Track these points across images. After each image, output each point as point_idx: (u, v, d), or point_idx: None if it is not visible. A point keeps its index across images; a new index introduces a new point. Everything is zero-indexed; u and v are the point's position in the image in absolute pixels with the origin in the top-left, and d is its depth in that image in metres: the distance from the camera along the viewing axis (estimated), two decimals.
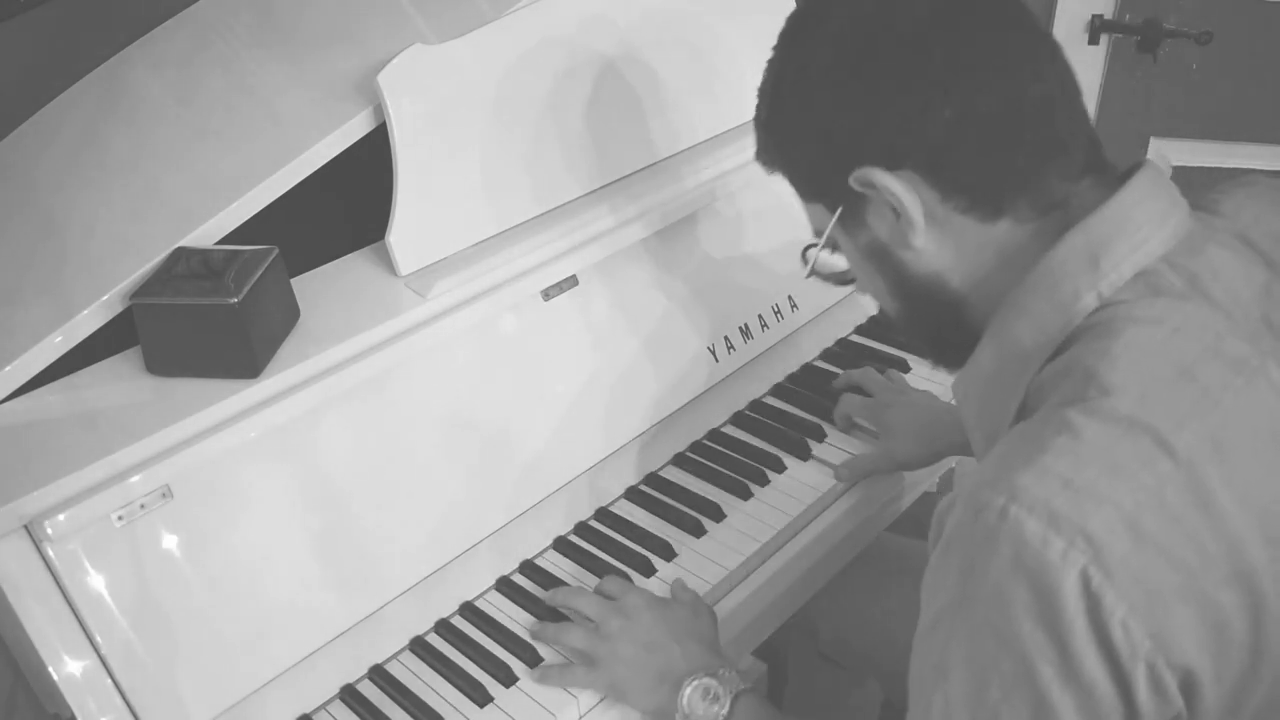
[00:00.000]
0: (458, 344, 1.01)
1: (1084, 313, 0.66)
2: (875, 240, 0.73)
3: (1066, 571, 0.56)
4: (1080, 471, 0.58)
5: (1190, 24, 1.79)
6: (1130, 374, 0.61)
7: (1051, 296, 0.67)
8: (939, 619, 0.63)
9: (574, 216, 1.10)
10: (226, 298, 0.87)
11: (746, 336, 1.24)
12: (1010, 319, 0.69)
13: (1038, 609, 0.57)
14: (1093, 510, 0.57)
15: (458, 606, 1.01)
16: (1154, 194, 0.68)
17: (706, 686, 0.85)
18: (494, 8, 1.11)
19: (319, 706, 0.93)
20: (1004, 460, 0.61)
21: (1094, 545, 0.56)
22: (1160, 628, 0.57)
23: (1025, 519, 0.57)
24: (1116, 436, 0.59)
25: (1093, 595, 0.56)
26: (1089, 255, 0.66)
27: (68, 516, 0.79)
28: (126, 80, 1.26)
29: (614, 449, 1.11)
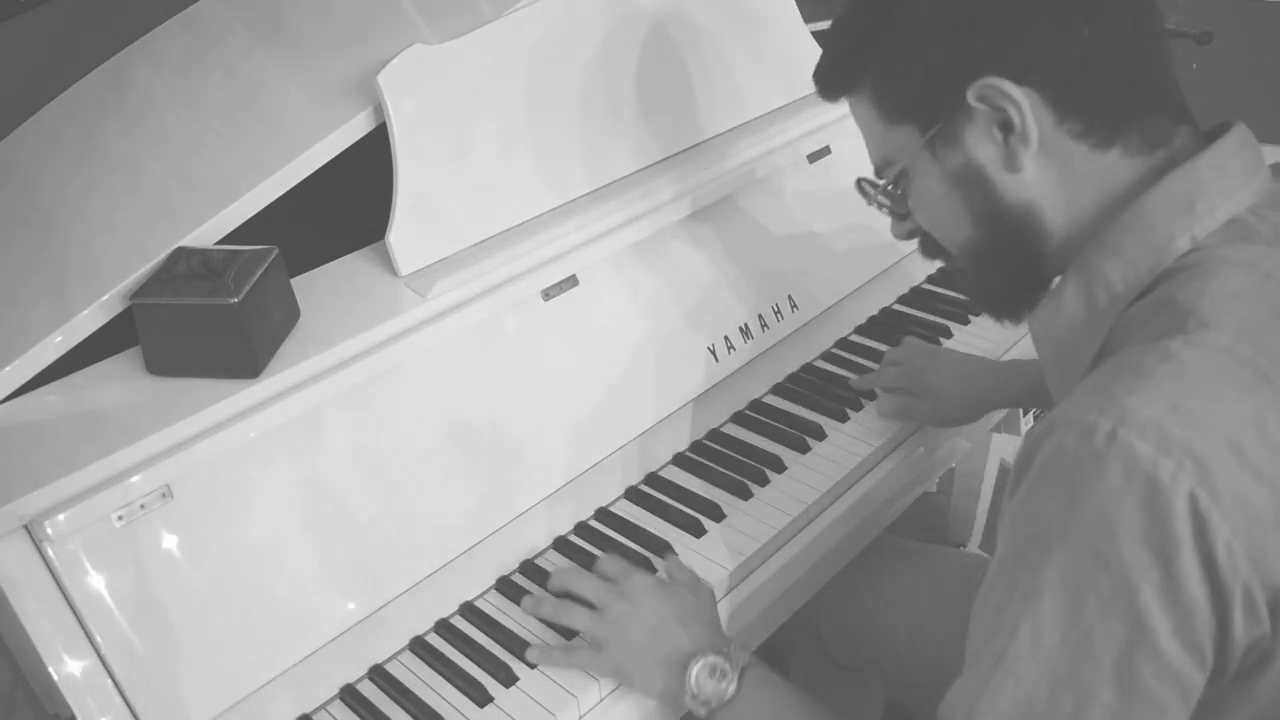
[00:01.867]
0: (458, 344, 1.01)
1: (1176, 254, 0.67)
2: (970, 163, 0.72)
3: (1176, 492, 0.57)
4: (1187, 396, 0.59)
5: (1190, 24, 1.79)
6: (1227, 311, 0.63)
7: (1146, 237, 0.68)
8: (1030, 545, 0.63)
9: (574, 216, 1.10)
10: (226, 298, 0.88)
11: (746, 336, 1.24)
12: (1100, 257, 0.70)
13: (1145, 529, 0.58)
14: (1200, 434, 0.58)
15: (458, 606, 1.01)
16: (1245, 149, 0.70)
17: (713, 665, 0.85)
18: (494, 8, 1.11)
19: (319, 706, 0.93)
20: (1107, 386, 0.62)
21: (1201, 467, 0.58)
22: (1259, 550, 0.58)
23: (1135, 440, 0.58)
24: (1219, 365, 0.61)
25: (1200, 516, 0.57)
26: (1185, 199, 0.67)
27: (68, 516, 0.79)
28: (126, 80, 1.27)
29: (614, 448, 1.11)
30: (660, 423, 1.16)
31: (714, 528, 1.08)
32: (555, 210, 1.11)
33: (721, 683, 0.84)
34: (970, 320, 1.37)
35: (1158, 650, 0.60)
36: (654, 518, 1.10)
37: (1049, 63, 0.68)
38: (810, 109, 1.33)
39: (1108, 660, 0.61)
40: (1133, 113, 0.70)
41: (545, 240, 1.07)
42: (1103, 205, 0.70)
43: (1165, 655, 0.60)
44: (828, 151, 1.34)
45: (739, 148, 1.24)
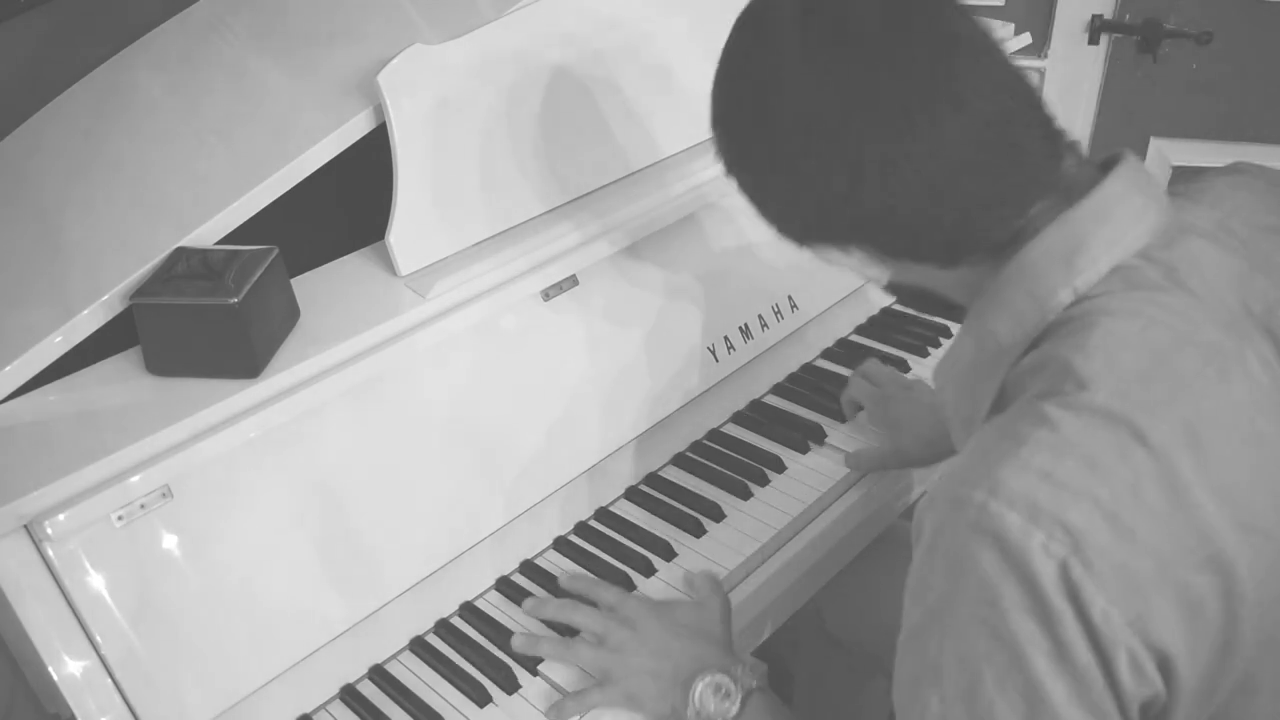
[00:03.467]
0: (458, 344, 1.01)
1: (1059, 308, 0.66)
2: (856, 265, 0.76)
3: (1047, 563, 0.57)
4: (1058, 464, 0.59)
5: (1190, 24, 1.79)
6: (1105, 366, 0.62)
7: (1028, 291, 0.67)
8: (928, 619, 0.64)
9: (574, 216, 1.10)
10: (226, 298, 0.87)
11: (746, 336, 1.24)
12: (987, 312, 0.70)
13: (1026, 601, 0.58)
14: (1071, 502, 0.58)
15: (458, 606, 1.01)
16: (1131, 190, 0.68)
17: (718, 683, 0.85)
18: (494, 8, 1.11)
19: (319, 706, 0.93)
20: (983, 455, 0.62)
21: (1073, 536, 0.58)
22: (1138, 614, 0.58)
23: (1006, 512, 0.58)
24: (1093, 429, 0.60)
25: (1073, 585, 0.57)
26: (1065, 252, 0.66)
27: (68, 516, 0.79)
28: (126, 80, 1.27)
29: (614, 449, 1.11)
30: (660, 422, 1.16)
31: (714, 528, 1.08)
32: (555, 210, 1.11)
33: (725, 702, 0.84)
34: None
35: (1056, 716, 0.59)
36: (654, 518, 1.10)
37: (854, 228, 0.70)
38: None
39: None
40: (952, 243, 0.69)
41: (545, 240, 1.07)
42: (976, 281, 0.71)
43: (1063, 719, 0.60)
44: None
45: None
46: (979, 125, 0.65)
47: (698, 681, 0.85)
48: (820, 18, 0.67)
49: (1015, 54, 1.62)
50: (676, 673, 0.87)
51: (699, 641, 0.89)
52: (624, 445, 1.12)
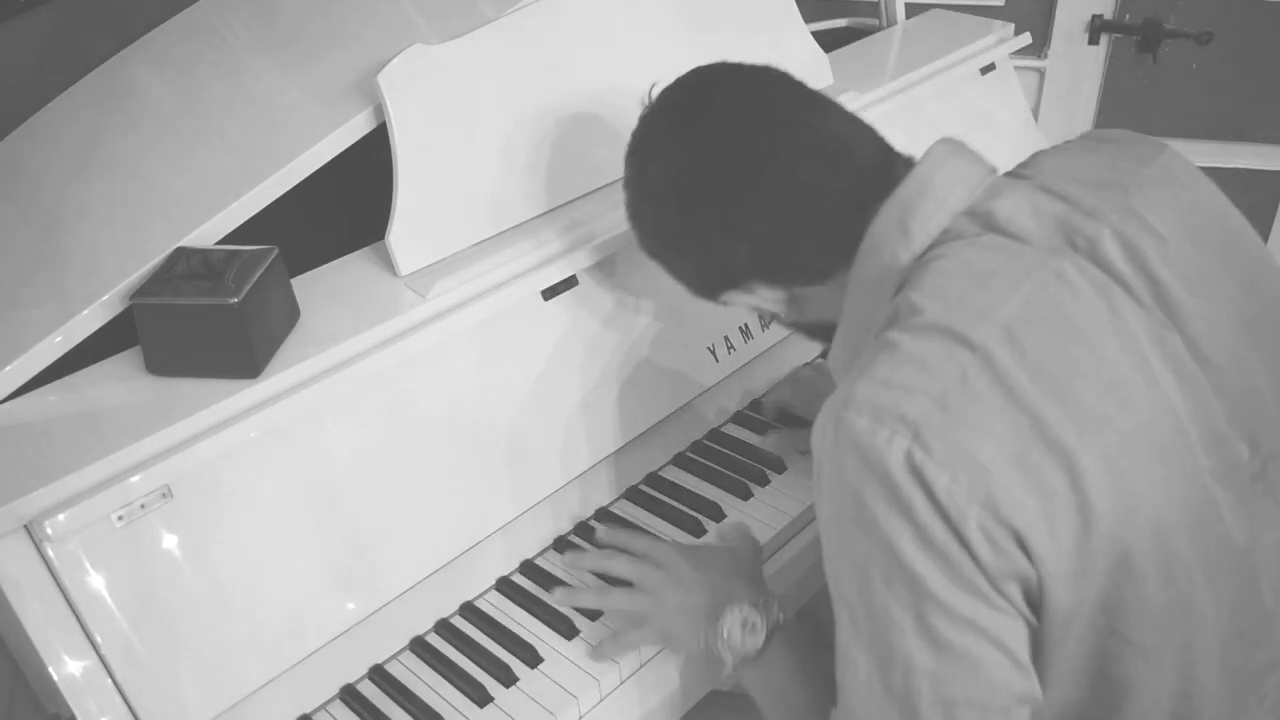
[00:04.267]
0: (457, 344, 1.01)
1: (902, 268, 0.76)
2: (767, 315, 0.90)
3: (893, 453, 0.65)
4: (895, 371, 0.68)
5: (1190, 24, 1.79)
6: (934, 293, 0.71)
7: (875, 263, 0.77)
8: (825, 537, 0.72)
9: (574, 216, 1.10)
10: (226, 298, 0.88)
11: (746, 336, 1.24)
12: (852, 295, 0.80)
13: (884, 493, 0.65)
14: (907, 398, 0.66)
15: (458, 606, 1.01)
16: (948, 160, 0.78)
17: (745, 617, 0.87)
18: (494, 8, 1.11)
19: (319, 706, 0.93)
20: (845, 381, 0.70)
21: (910, 426, 0.65)
22: (985, 492, 0.64)
23: (854, 419, 0.67)
24: (923, 340, 0.69)
25: (916, 468, 0.64)
26: (899, 222, 0.76)
27: (68, 516, 0.79)
28: (126, 80, 1.27)
29: (614, 449, 1.12)
30: (661, 422, 1.16)
31: (714, 528, 1.08)
32: (555, 210, 1.11)
33: (751, 635, 0.87)
34: None
35: (938, 600, 0.65)
36: (654, 518, 1.10)
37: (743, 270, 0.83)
38: None
39: (909, 625, 0.67)
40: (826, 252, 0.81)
41: (545, 240, 1.07)
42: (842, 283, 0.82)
43: (946, 603, 0.65)
44: None
45: None
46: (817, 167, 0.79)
47: (725, 614, 0.88)
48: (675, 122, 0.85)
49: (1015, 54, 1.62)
50: (707, 607, 0.90)
51: (728, 578, 0.92)
52: (624, 445, 1.12)
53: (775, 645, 0.87)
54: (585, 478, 1.10)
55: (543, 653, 0.95)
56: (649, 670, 0.95)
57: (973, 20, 1.56)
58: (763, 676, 0.87)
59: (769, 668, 0.87)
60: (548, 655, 0.95)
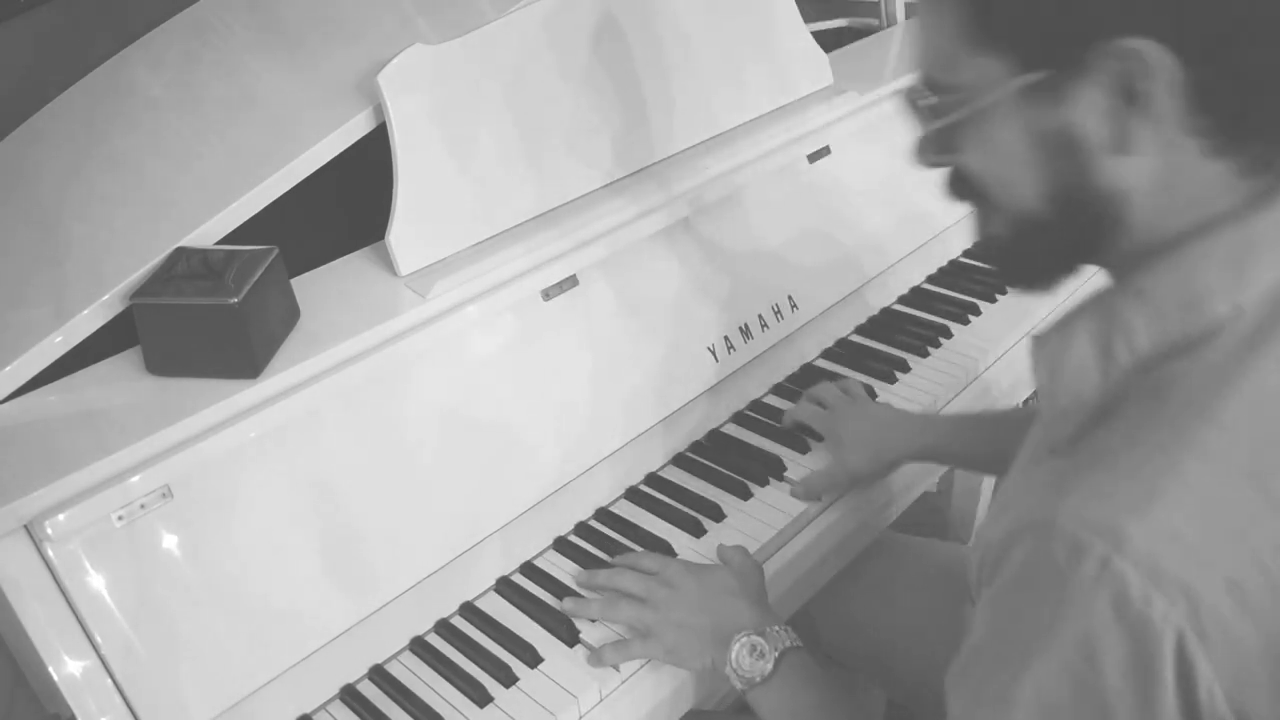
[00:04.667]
0: (457, 344, 1.01)
1: (1211, 319, 0.58)
2: (1070, 130, 0.59)
3: (1165, 631, 0.54)
4: (1188, 524, 0.55)
5: None
6: (1249, 418, 0.56)
7: (1181, 289, 0.59)
8: (1009, 648, 0.60)
9: (574, 216, 1.10)
10: (226, 298, 0.88)
11: (746, 336, 1.24)
12: (1126, 299, 0.61)
13: (1130, 663, 0.55)
14: (1197, 569, 0.54)
15: (458, 606, 1.01)
16: None
17: (754, 644, 0.87)
18: (494, 7, 1.11)
19: (319, 706, 0.93)
20: (1104, 497, 0.57)
21: (1194, 605, 0.54)
22: (1239, 689, 0.55)
23: (1130, 572, 0.54)
24: (1228, 487, 0.56)
25: (1186, 658, 0.54)
26: (1236, 256, 0.58)
27: (68, 516, 0.79)
28: (126, 80, 1.27)
29: (614, 449, 1.11)
30: (660, 423, 1.16)
31: (714, 528, 1.08)
32: (555, 210, 1.11)
33: (760, 661, 0.86)
34: (970, 320, 1.37)
35: None
36: (654, 518, 1.10)
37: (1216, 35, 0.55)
38: (810, 110, 1.33)
39: None
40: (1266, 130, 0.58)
41: (545, 240, 1.07)
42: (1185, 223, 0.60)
43: None
44: (828, 152, 1.34)
45: (739, 147, 1.24)
46: None
47: (734, 642, 0.87)
48: None
49: None
50: (715, 630, 0.90)
51: (737, 601, 0.92)
52: (624, 445, 1.12)
53: (783, 671, 0.86)
54: (585, 478, 1.10)
55: (543, 653, 0.95)
56: (649, 671, 0.95)
57: None
58: (772, 702, 0.87)
59: (778, 693, 0.86)
60: (548, 655, 0.95)
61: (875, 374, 1.27)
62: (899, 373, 1.27)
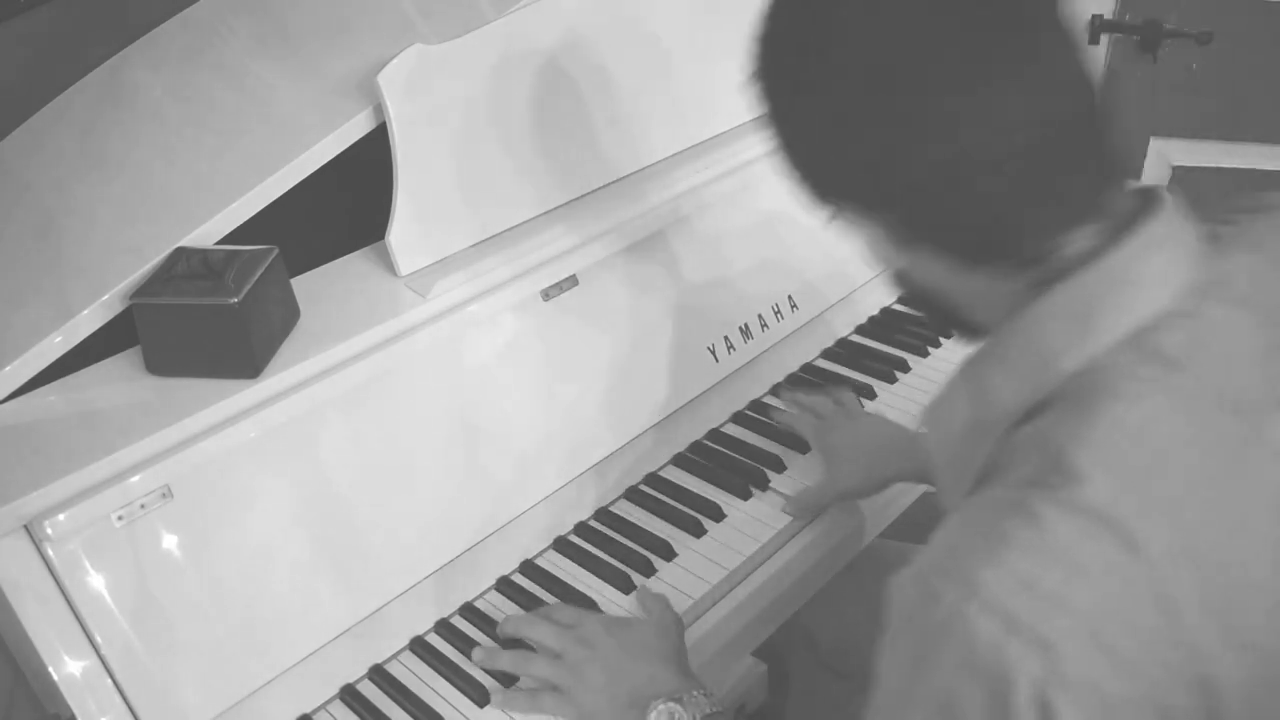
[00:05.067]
0: (457, 344, 1.01)
1: (1065, 374, 0.61)
2: (873, 241, 0.70)
3: (1019, 678, 0.53)
4: (1043, 573, 0.54)
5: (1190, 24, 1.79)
6: (1104, 461, 0.57)
7: (1034, 351, 0.62)
8: (889, 700, 0.61)
9: (574, 216, 1.10)
10: (226, 298, 0.88)
11: (746, 336, 1.23)
12: (988, 365, 0.65)
13: (989, 710, 0.54)
14: (1053, 616, 0.53)
15: (458, 606, 1.01)
16: (1162, 247, 0.62)
17: (671, 711, 0.83)
18: (494, 8, 1.11)
19: (319, 706, 0.93)
20: (962, 546, 0.57)
21: (1051, 654, 0.53)
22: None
23: (979, 619, 0.54)
24: (1083, 534, 0.55)
25: (1044, 705, 0.53)
26: (1078, 313, 0.61)
27: (68, 516, 0.79)
28: (126, 80, 1.27)
29: (614, 449, 1.11)
30: (660, 422, 1.16)
31: (714, 528, 1.08)
32: (555, 210, 1.11)
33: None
34: None
35: None
36: (654, 518, 1.10)
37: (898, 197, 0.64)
38: None
39: None
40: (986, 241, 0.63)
41: (545, 240, 1.07)
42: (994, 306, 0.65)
43: None
44: None
45: (740, 147, 1.24)
46: (1042, 116, 0.60)
47: (650, 710, 0.84)
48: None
49: None
50: (631, 695, 0.86)
51: (655, 664, 0.88)
52: (624, 445, 1.12)
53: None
54: (585, 478, 1.10)
55: None
56: None
57: None
58: None
59: None
60: None
61: (875, 374, 1.27)
62: (899, 372, 1.27)
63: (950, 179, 0.61)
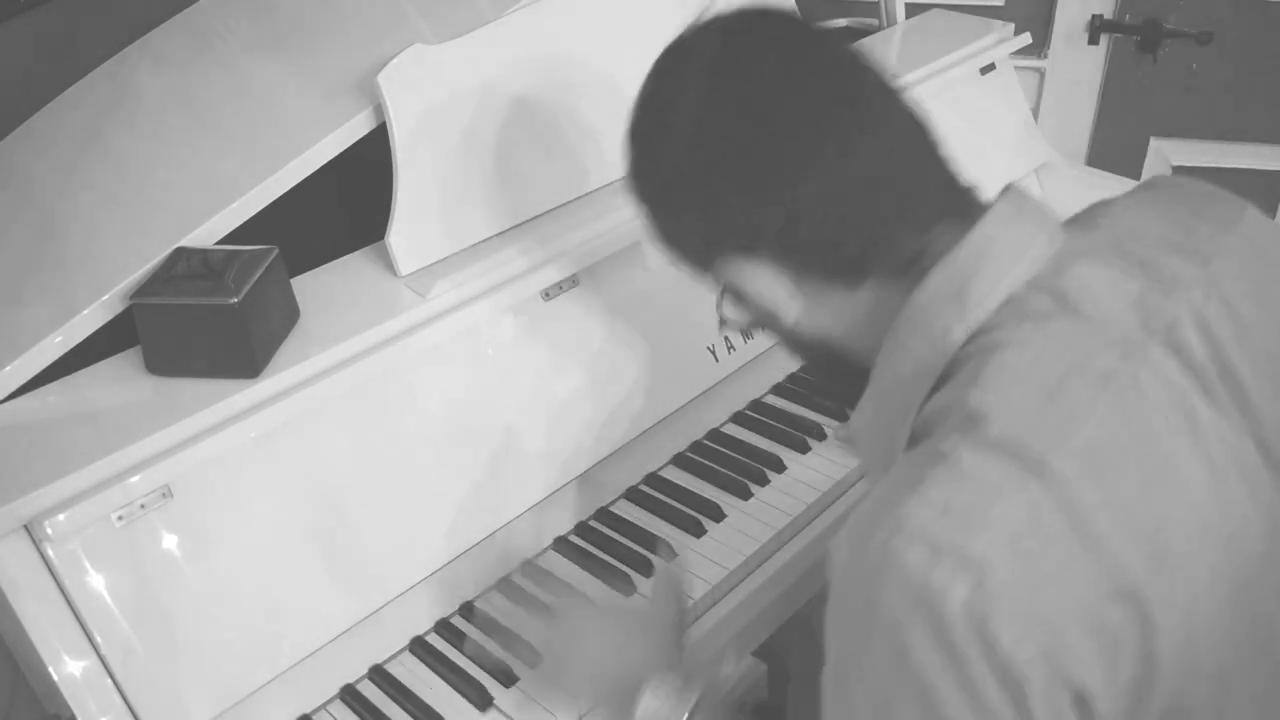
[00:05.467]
0: (457, 344, 1.01)
1: (955, 346, 0.67)
2: (760, 309, 0.76)
3: (952, 597, 0.55)
4: (956, 497, 0.58)
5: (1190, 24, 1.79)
6: (999, 401, 0.61)
7: (924, 333, 0.68)
8: (840, 661, 0.63)
9: (574, 216, 1.10)
10: (226, 298, 0.88)
11: (747, 336, 1.24)
12: (889, 360, 0.71)
13: (934, 639, 0.56)
14: (973, 534, 0.57)
15: (458, 607, 1.01)
16: (1015, 220, 0.69)
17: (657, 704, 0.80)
18: (494, 8, 1.11)
19: (319, 706, 0.93)
20: (884, 496, 0.61)
21: (974, 569, 0.56)
22: (1050, 646, 0.56)
23: (906, 548, 0.57)
24: (989, 461, 0.59)
25: (979, 618, 0.55)
26: (954, 291, 0.67)
27: (68, 516, 0.79)
28: (126, 80, 1.27)
29: (614, 449, 1.11)
30: (660, 423, 1.16)
31: (714, 528, 1.08)
32: (555, 210, 1.11)
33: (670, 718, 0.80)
34: None
35: None
36: (654, 518, 1.10)
37: (761, 237, 0.70)
38: None
39: None
40: (863, 251, 0.70)
41: (545, 240, 1.07)
42: (881, 322, 0.71)
43: None
44: None
45: None
46: (885, 147, 0.68)
47: (639, 698, 0.81)
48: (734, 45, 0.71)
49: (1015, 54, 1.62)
50: (618, 683, 0.84)
51: (643, 650, 0.85)
52: (624, 445, 1.12)
53: None
54: (585, 478, 1.10)
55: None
56: None
57: (973, 20, 1.56)
58: None
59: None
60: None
61: None
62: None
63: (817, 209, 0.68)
